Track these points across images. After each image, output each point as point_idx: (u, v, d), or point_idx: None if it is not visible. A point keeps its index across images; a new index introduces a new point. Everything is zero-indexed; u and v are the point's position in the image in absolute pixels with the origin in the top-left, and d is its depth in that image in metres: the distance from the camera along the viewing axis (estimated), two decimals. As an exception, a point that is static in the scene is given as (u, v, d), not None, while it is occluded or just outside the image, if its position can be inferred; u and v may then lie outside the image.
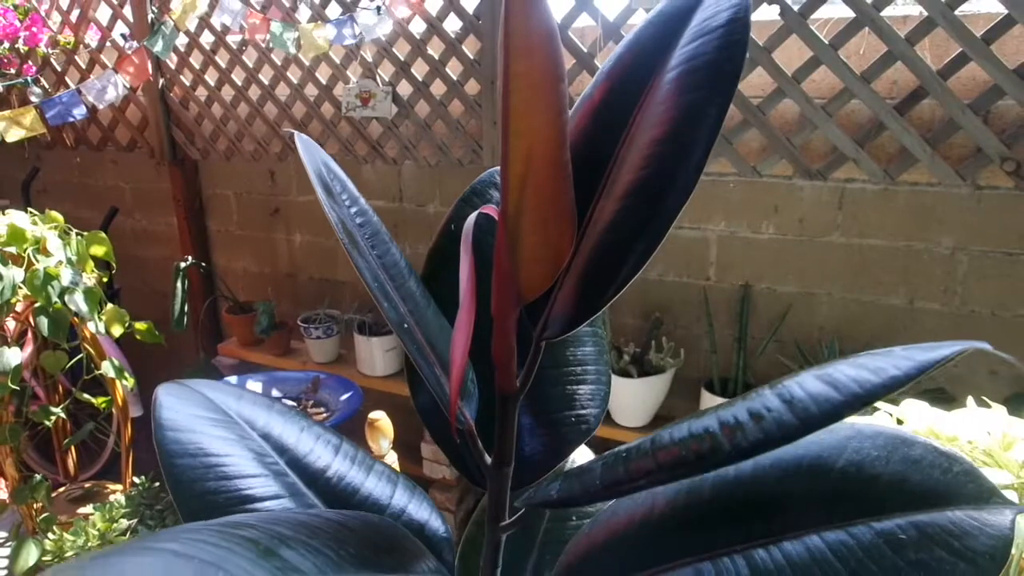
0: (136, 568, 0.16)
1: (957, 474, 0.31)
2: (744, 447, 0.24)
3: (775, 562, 0.32)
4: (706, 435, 0.25)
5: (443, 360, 0.35)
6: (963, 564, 0.29)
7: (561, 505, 0.29)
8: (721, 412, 0.25)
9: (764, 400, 0.24)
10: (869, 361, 0.24)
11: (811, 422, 0.23)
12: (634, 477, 0.26)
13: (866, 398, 0.22)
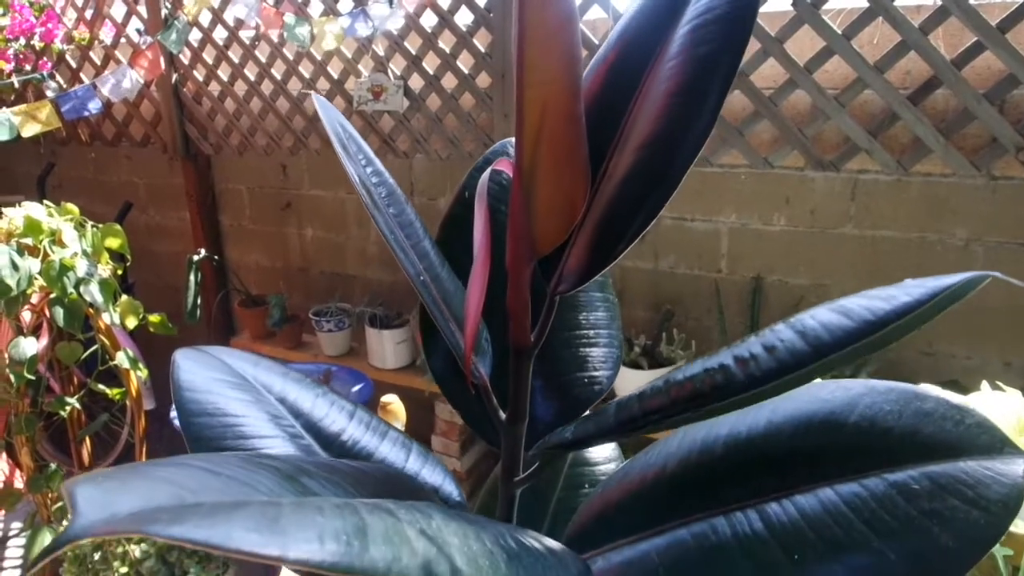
0: (168, 473, 0.17)
1: (970, 426, 0.31)
2: (757, 376, 0.24)
3: (788, 515, 0.32)
4: (719, 369, 0.25)
5: (458, 317, 0.36)
6: (976, 512, 0.29)
7: (575, 446, 0.30)
8: (735, 348, 0.25)
9: (777, 333, 0.24)
10: (880, 292, 0.24)
11: (823, 349, 0.23)
12: (648, 413, 0.26)
13: (878, 324, 0.23)
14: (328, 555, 0.15)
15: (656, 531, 0.35)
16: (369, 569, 0.15)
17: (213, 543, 0.14)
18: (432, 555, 0.16)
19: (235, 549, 0.14)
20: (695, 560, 0.33)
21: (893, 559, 0.30)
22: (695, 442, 0.37)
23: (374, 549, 0.15)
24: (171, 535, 0.15)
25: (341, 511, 0.16)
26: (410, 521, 0.17)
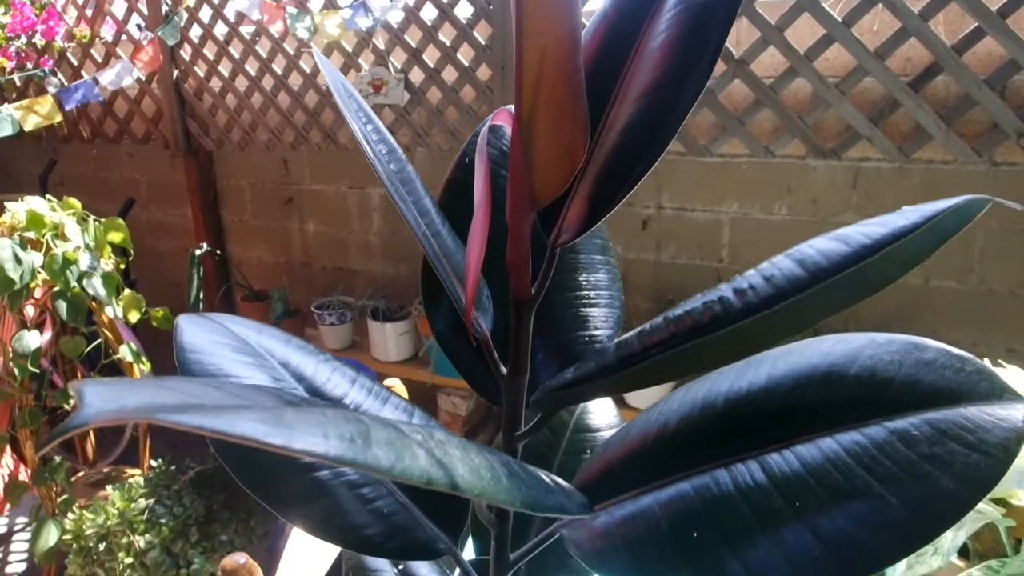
0: (174, 384, 0.17)
1: (970, 373, 0.31)
2: (755, 303, 0.24)
3: (789, 465, 0.33)
4: (718, 300, 0.25)
5: (459, 273, 0.36)
6: (976, 455, 0.30)
7: (577, 383, 0.30)
8: (733, 282, 0.26)
9: (775, 264, 0.25)
10: (878, 219, 0.24)
11: (820, 274, 0.23)
12: (648, 347, 0.26)
13: (875, 247, 0.23)
14: (332, 448, 0.15)
15: (658, 485, 0.36)
16: (372, 464, 0.15)
17: (218, 429, 0.15)
18: (434, 460, 0.17)
19: (239, 435, 0.15)
20: (697, 511, 0.33)
21: (894, 503, 0.30)
22: (696, 400, 0.37)
23: (377, 449, 0.16)
24: (178, 421, 0.15)
25: (345, 417, 0.16)
26: (412, 433, 0.17)
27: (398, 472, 0.16)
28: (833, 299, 0.25)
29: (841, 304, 0.27)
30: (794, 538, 0.31)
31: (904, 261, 0.24)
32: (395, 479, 0.16)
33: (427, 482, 0.16)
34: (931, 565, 0.64)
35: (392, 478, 0.16)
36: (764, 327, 0.25)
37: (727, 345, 0.27)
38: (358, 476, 0.39)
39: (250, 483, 0.36)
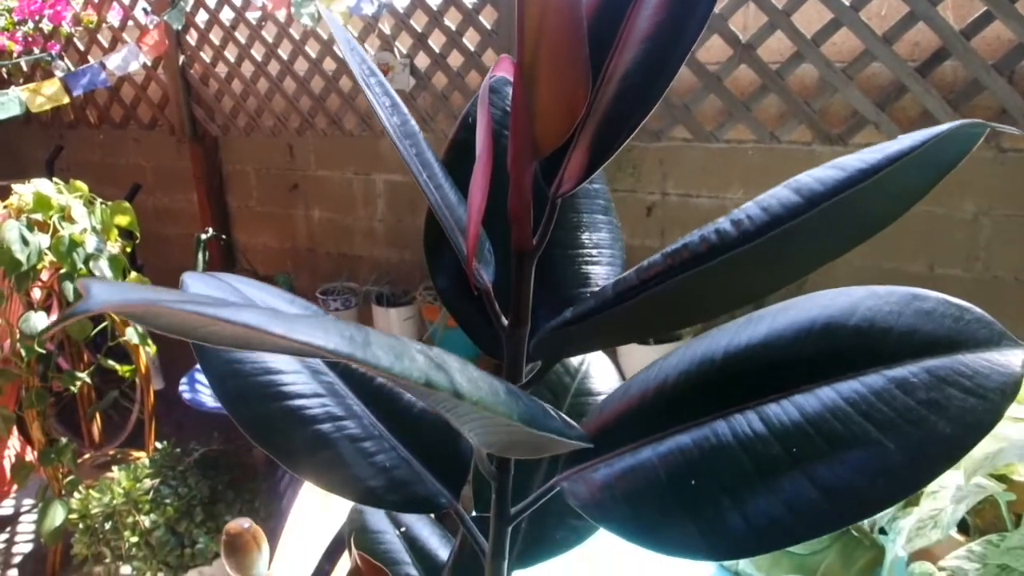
0: (176, 293, 0.17)
1: (969, 321, 0.31)
2: (751, 231, 0.24)
3: (788, 415, 0.33)
4: (715, 231, 0.25)
5: (461, 225, 0.36)
6: (973, 399, 0.30)
7: (577, 322, 0.30)
8: (732, 214, 0.26)
9: (772, 194, 0.25)
10: (874, 147, 0.24)
11: (816, 199, 0.23)
12: (645, 280, 0.27)
13: (870, 171, 0.23)
14: (332, 343, 0.15)
15: (657, 438, 0.36)
16: (371, 361, 0.15)
17: (221, 316, 0.15)
18: (433, 365, 0.17)
19: (242, 323, 0.15)
20: (696, 461, 0.34)
21: (891, 448, 0.30)
22: (694, 356, 0.37)
23: (377, 349, 0.16)
24: (182, 308, 0.15)
25: (347, 325, 0.17)
26: (412, 343, 0.18)
27: (397, 371, 0.16)
28: (831, 227, 0.25)
29: (841, 236, 0.27)
30: (792, 486, 0.31)
31: (902, 191, 0.24)
32: (394, 378, 0.16)
33: (426, 383, 0.17)
34: (930, 538, 0.65)
35: (391, 377, 0.16)
36: (761, 255, 0.26)
37: (725, 276, 0.27)
38: (360, 430, 0.40)
39: (256, 434, 0.36)
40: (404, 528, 0.51)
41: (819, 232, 0.25)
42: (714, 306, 0.32)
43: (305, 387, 0.39)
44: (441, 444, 0.42)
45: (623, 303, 0.28)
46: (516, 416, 0.20)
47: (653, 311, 0.29)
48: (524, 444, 0.30)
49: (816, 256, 0.28)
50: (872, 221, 0.26)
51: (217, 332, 0.24)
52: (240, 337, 0.16)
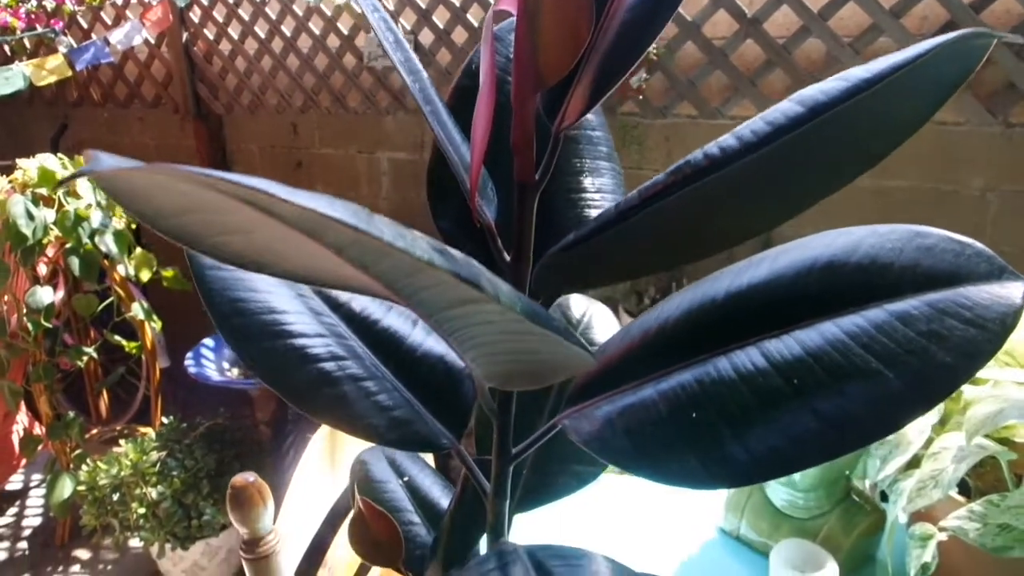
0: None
1: (970, 256, 0.32)
2: (753, 142, 0.24)
3: (789, 349, 0.33)
4: (716, 147, 0.26)
5: (464, 162, 0.36)
6: (973, 330, 0.30)
7: (579, 243, 0.30)
8: (737, 129, 0.26)
9: (776, 107, 0.25)
10: (882, 58, 0.24)
11: (819, 108, 0.23)
12: (647, 197, 0.27)
13: (873, 80, 0.23)
14: (337, 212, 0.15)
15: (658, 376, 0.36)
16: (374, 233, 0.15)
17: (229, 179, 0.15)
18: (436, 251, 0.17)
19: (250, 186, 0.15)
20: (696, 395, 0.34)
21: (891, 377, 0.30)
22: (695, 298, 0.38)
23: (381, 226, 0.16)
24: (189, 172, 0.15)
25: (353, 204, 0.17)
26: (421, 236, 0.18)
27: (400, 246, 0.16)
28: (835, 143, 0.25)
29: (846, 155, 0.27)
30: (793, 416, 0.31)
31: (906, 108, 0.24)
32: (395, 253, 0.16)
33: (428, 261, 0.17)
34: (931, 497, 0.65)
35: (391, 252, 0.16)
36: (765, 171, 0.26)
37: (729, 196, 0.27)
38: (362, 370, 0.40)
39: (260, 370, 0.37)
40: (407, 478, 0.52)
41: (823, 148, 0.25)
42: (719, 235, 0.32)
43: (308, 327, 0.40)
44: (443, 387, 0.42)
45: (625, 221, 0.28)
46: (519, 307, 0.20)
47: (656, 235, 0.29)
48: (527, 367, 0.30)
49: (822, 180, 0.28)
50: (877, 140, 0.26)
51: (223, 244, 0.25)
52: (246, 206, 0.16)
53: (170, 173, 0.15)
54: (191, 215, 0.23)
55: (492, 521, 0.41)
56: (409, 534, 0.48)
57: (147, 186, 0.17)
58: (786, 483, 0.81)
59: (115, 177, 0.15)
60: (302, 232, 0.19)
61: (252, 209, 0.18)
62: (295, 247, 0.26)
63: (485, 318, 0.27)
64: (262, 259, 0.27)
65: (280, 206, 0.15)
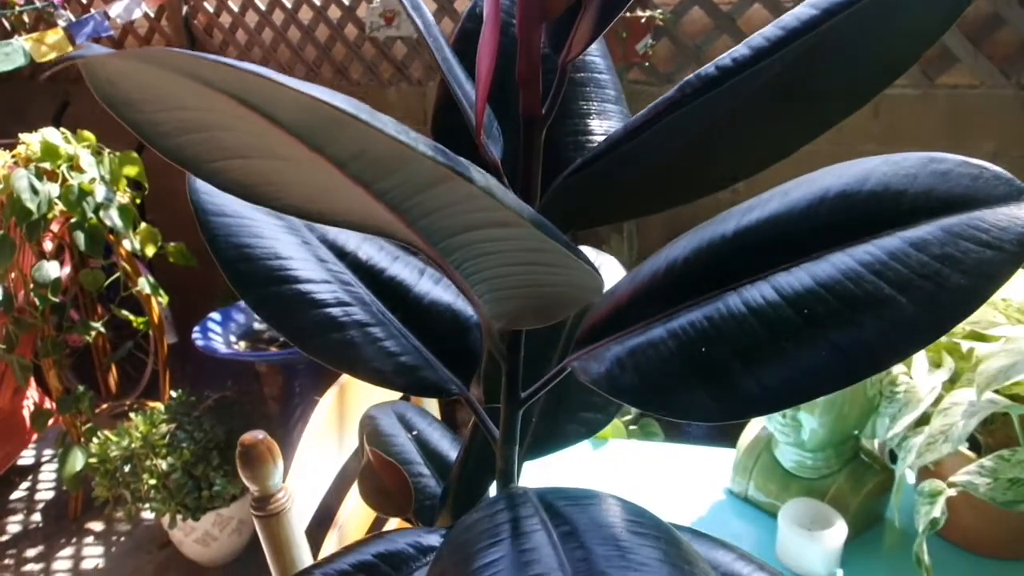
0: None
1: (988, 179, 0.31)
2: (765, 47, 0.23)
3: (800, 281, 0.32)
4: (729, 58, 0.25)
5: (470, 100, 0.36)
6: (990, 252, 0.29)
7: (586, 165, 0.30)
8: (750, 38, 0.25)
9: (791, 12, 0.24)
10: None
11: (833, 9, 0.22)
12: (657, 113, 0.26)
13: None
14: (340, 102, 0.15)
15: (667, 315, 0.36)
16: (378, 126, 0.15)
17: (223, 61, 0.15)
18: (440, 150, 0.17)
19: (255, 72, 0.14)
20: (706, 331, 0.33)
21: (904, 303, 0.30)
22: (704, 237, 0.37)
23: (386, 120, 0.16)
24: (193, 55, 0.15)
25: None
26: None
27: (403, 140, 0.16)
28: (851, 43, 0.24)
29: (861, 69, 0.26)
30: (804, 346, 0.31)
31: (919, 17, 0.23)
32: (396, 146, 0.16)
33: (432, 156, 0.16)
34: (941, 451, 0.65)
35: (396, 146, 0.16)
36: (778, 78, 0.25)
37: (741, 105, 0.26)
38: (369, 316, 0.40)
39: (266, 314, 0.37)
40: (416, 432, 0.52)
41: (839, 56, 0.25)
42: (732, 162, 0.31)
43: (313, 274, 0.39)
44: (451, 335, 0.42)
45: (634, 140, 0.28)
46: (526, 215, 0.19)
47: (666, 157, 0.29)
48: (536, 301, 0.29)
49: (835, 99, 0.27)
50: (896, 48, 0.25)
51: (222, 170, 0.24)
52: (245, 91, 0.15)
53: (161, 58, 0.15)
54: (189, 135, 0.22)
55: (502, 467, 0.41)
56: (419, 485, 0.48)
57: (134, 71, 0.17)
58: (795, 444, 0.81)
59: (104, 65, 0.15)
60: (302, 141, 0.19)
61: (251, 113, 0.17)
62: (295, 171, 0.26)
63: (494, 247, 0.26)
64: (261, 188, 0.27)
65: (282, 91, 0.15)
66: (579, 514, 0.34)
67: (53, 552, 1.83)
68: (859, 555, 0.78)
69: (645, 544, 0.31)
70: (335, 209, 0.27)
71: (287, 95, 0.15)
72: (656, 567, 0.30)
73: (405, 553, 0.39)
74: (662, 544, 0.31)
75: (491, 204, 0.19)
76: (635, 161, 0.29)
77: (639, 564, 0.30)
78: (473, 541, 0.33)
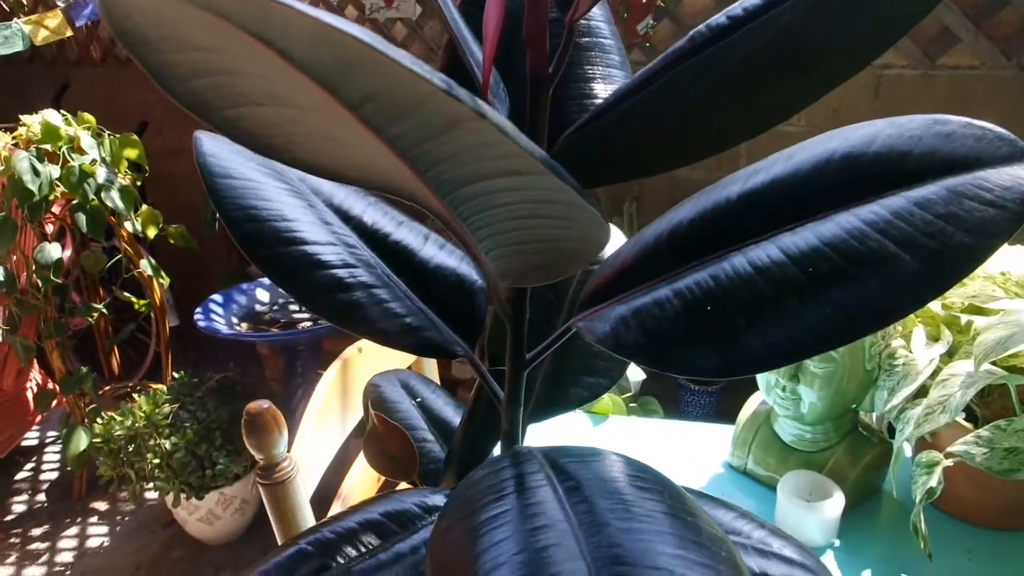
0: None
1: (991, 140, 0.31)
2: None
3: (805, 241, 0.33)
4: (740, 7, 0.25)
5: (476, 61, 0.36)
6: (993, 210, 0.30)
7: (594, 120, 0.30)
8: None
9: None
10: None
11: None
12: (669, 60, 0.26)
13: None
14: (356, 31, 0.15)
15: (672, 276, 0.36)
16: (392, 55, 0.15)
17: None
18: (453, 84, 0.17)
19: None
20: (711, 291, 0.34)
21: (908, 260, 0.30)
22: (708, 200, 0.37)
23: (400, 52, 0.16)
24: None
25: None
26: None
27: (418, 71, 0.16)
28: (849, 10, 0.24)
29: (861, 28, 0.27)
30: (808, 303, 0.31)
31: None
32: (412, 79, 0.16)
33: (446, 90, 0.17)
34: (939, 422, 0.65)
35: (409, 76, 0.16)
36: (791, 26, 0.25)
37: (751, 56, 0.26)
38: (374, 279, 0.40)
39: (272, 273, 0.37)
40: (420, 399, 0.52)
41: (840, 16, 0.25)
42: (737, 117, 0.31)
43: (319, 236, 0.40)
44: (455, 299, 0.43)
45: (641, 92, 0.28)
46: (539, 156, 0.20)
47: (676, 110, 0.29)
48: (544, 257, 0.30)
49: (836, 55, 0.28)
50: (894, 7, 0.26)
51: (235, 118, 0.24)
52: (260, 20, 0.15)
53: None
54: (203, 79, 0.22)
55: (506, 428, 0.41)
56: (423, 450, 0.49)
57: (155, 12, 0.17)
58: (794, 417, 0.81)
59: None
60: (315, 81, 0.19)
61: (265, 50, 0.17)
62: (306, 121, 0.26)
63: (504, 198, 0.27)
64: (272, 140, 0.27)
65: (300, 19, 0.15)
66: (583, 470, 0.34)
67: (58, 532, 1.84)
68: (857, 526, 0.79)
69: (649, 498, 0.32)
70: (343, 162, 0.27)
71: (304, 24, 0.15)
72: (659, 519, 0.30)
73: (411, 512, 0.40)
74: (666, 498, 0.32)
75: (505, 150, 0.19)
76: (643, 116, 0.29)
77: (643, 516, 0.30)
78: (479, 496, 0.34)
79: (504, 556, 0.28)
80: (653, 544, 0.28)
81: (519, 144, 0.19)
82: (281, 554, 0.36)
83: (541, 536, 0.29)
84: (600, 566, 0.27)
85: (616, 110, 0.29)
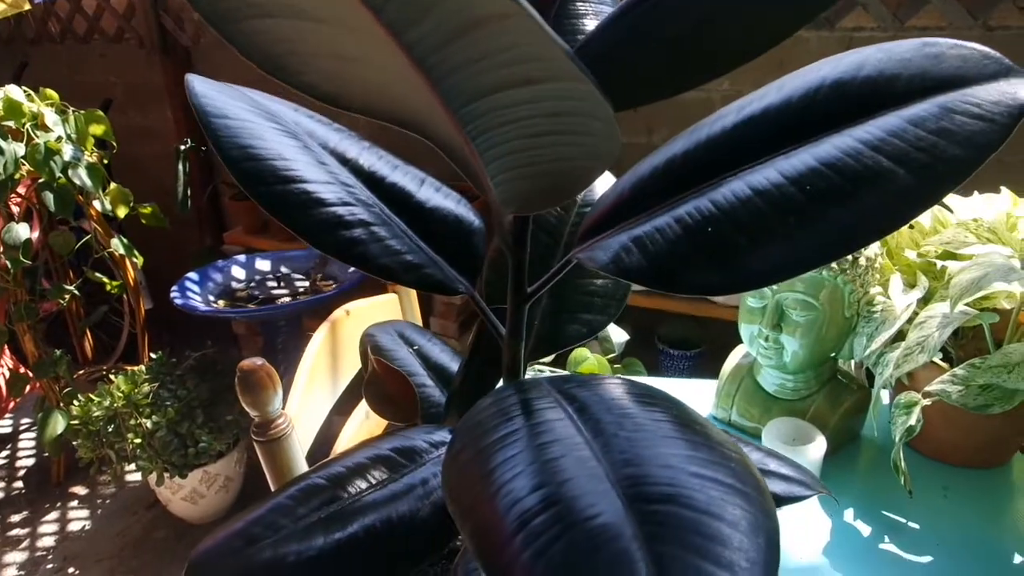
0: None
1: (978, 59, 0.32)
2: None
3: (803, 163, 0.34)
4: None
5: None
6: (982, 123, 0.31)
7: (592, 41, 0.31)
8: None
9: None
10: None
11: None
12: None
13: None
14: None
15: (670, 204, 0.37)
16: None
17: None
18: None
19: None
20: (711, 215, 0.35)
21: (902, 173, 0.31)
22: (702, 133, 0.38)
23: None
24: None
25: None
26: None
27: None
28: None
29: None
30: (808, 220, 0.32)
31: None
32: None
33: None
34: (917, 362, 0.68)
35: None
36: None
37: None
38: (373, 218, 0.40)
39: (273, 210, 0.37)
40: (416, 347, 0.53)
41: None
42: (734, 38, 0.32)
43: (318, 175, 0.40)
44: (454, 238, 0.43)
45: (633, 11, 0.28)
46: (569, 53, 0.20)
47: (674, 30, 0.30)
48: (553, 179, 0.30)
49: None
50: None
51: (251, 31, 0.24)
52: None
53: None
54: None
55: (508, 363, 0.42)
56: (423, 395, 0.49)
57: None
58: (777, 366, 0.83)
59: None
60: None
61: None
62: (320, 38, 0.26)
63: (517, 112, 0.27)
64: (286, 59, 0.27)
65: None
66: (589, 393, 0.35)
67: (38, 517, 1.82)
68: (838, 468, 0.82)
69: (656, 411, 0.33)
70: (355, 87, 0.27)
71: None
72: (668, 428, 0.31)
73: (419, 446, 0.40)
74: (673, 411, 0.33)
75: (528, 52, 0.19)
76: (640, 38, 0.30)
77: (651, 426, 0.31)
78: (488, 420, 0.34)
79: (520, 466, 0.29)
80: (664, 448, 0.29)
81: (551, 38, 0.19)
82: (293, 487, 0.36)
83: (553, 448, 0.30)
84: (615, 469, 0.28)
85: (615, 27, 0.29)
